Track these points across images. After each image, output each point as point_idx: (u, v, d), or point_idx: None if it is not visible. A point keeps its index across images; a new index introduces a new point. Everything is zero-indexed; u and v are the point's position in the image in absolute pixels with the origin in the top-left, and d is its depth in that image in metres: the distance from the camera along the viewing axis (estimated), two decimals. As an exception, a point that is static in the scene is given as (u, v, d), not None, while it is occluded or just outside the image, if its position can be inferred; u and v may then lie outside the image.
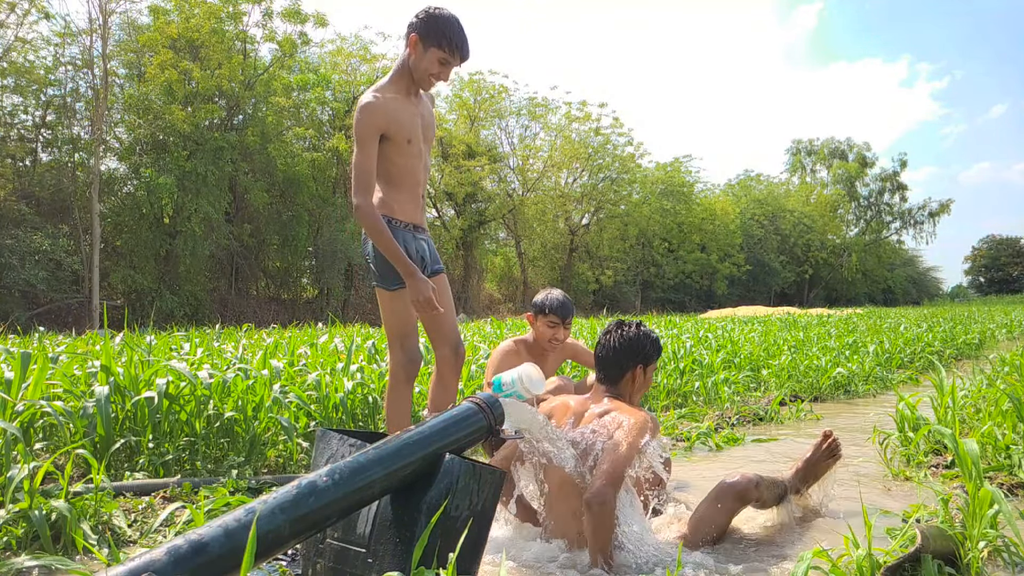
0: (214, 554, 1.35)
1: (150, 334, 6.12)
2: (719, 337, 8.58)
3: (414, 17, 2.65)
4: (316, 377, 3.61)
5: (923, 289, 57.96)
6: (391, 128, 2.64)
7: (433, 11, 2.63)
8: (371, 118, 2.60)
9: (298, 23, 22.12)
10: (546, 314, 3.24)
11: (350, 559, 1.70)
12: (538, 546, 2.25)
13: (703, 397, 5.29)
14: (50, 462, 2.27)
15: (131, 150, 19.97)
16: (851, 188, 48.77)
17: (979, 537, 1.96)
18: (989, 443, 3.11)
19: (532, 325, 3.36)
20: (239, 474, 2.82)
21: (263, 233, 22.45)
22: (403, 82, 2.70)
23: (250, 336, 7.44)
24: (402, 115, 2.67)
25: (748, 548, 2.29)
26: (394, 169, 2.73)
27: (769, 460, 3.64)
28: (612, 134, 33.22)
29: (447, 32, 2.61)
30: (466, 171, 28.55)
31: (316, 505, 1.50)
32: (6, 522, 2.10)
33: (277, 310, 21.79)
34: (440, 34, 2.61)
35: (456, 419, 1.84)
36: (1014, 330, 14.11)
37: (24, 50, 18.17)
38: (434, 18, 2.61)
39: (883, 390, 6.25)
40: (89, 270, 17.42)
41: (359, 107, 2.62)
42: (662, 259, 35.74)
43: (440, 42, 2.61)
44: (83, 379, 3.18)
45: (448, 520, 1.65)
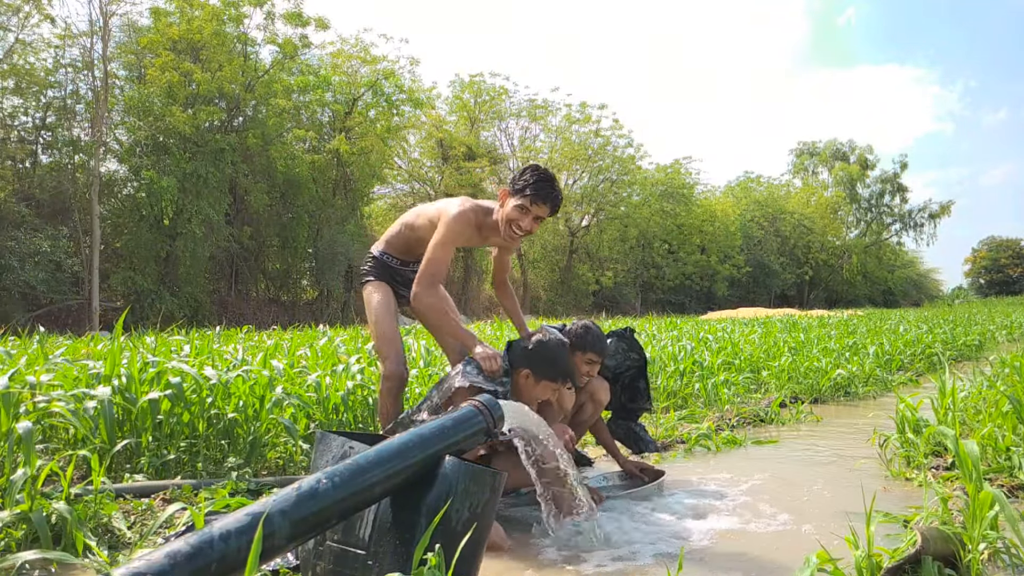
0: (214, 558, 1.35)
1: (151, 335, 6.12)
2: (719, 339, 8.57)
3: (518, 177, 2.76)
4: (316, 378, 3.61)
5: (923, 291, 57.94)
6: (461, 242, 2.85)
7: (528, 168, 2.76)
8: (463, 226, 2.77)
9: (299, 26, 22.15)
10: (585, 351, 2.96)
11: (350, 561, 1.70)
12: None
13: (703, 399, 5.28)
14: (53, 463, 2.27)
15: (131, 152, 19.96)
16: (852, 190, 48.77)
17: (979, 539, 1.96)
18: (989, 445, 3.12)
19: None
20: (239, 476, 2.82)
21: (263, 235, 22.45)
22: (490, 221, 2.84)
23: (250, 338, 7.44)
24: (473, 240, 2.88)
25: (749, 549, 2.29)
26: (420, 246, 2.89)
27: (771, 459, 3.65)
28: (612, 136, 33.27)
29: (539, 188, 2.71)
30: (466, 173, 28.56)
31: (316, 508, 1.50)
32: (7, 524, 2.10)
33: (277, 312, 21.78)
34: (535, 191, 2.70)
35: (456, 421, 1.84)
36: (1014, 332, 14.11)
37: (25, 52, 18.18)
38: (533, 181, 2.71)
39: (883, 392, 6.25)
40: (89, 272, 17.42)
41: (457, 214, 2.76)
42: (662, 261, 35.73)
43: (532, 199, 2.70)
44: (84, 381, 3.18)
45: (448, 522, 1.65)
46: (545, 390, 2.55)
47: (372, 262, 3.05)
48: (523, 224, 2.72)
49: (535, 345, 2.59)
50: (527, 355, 2.57)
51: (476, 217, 2.82)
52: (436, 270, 2.73)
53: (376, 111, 24.99)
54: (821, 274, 46.15)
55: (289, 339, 6.88)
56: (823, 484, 3.12)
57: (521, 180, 2.73)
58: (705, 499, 2.90)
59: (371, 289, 2.99)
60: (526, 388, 2.57)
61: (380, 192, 29.04)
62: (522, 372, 2.55)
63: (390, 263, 3.01)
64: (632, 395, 3.35)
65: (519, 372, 2.56)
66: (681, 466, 3.59)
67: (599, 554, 2.25)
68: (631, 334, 3.30)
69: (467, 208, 2.80)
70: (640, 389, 3.34)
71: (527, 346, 2.59)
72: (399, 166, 29.71)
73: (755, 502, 2.86)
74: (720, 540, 2.39)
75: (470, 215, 2.79)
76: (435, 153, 30.15)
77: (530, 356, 2.56)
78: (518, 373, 2.56)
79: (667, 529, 2.52)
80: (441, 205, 2.89)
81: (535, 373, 2.54)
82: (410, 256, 3.02)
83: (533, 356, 2.56)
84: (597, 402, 3.14)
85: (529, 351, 2.57)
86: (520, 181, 2.73)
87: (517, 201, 2.71)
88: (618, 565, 2.17)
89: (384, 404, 2.86)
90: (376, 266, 3.02)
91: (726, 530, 2.49)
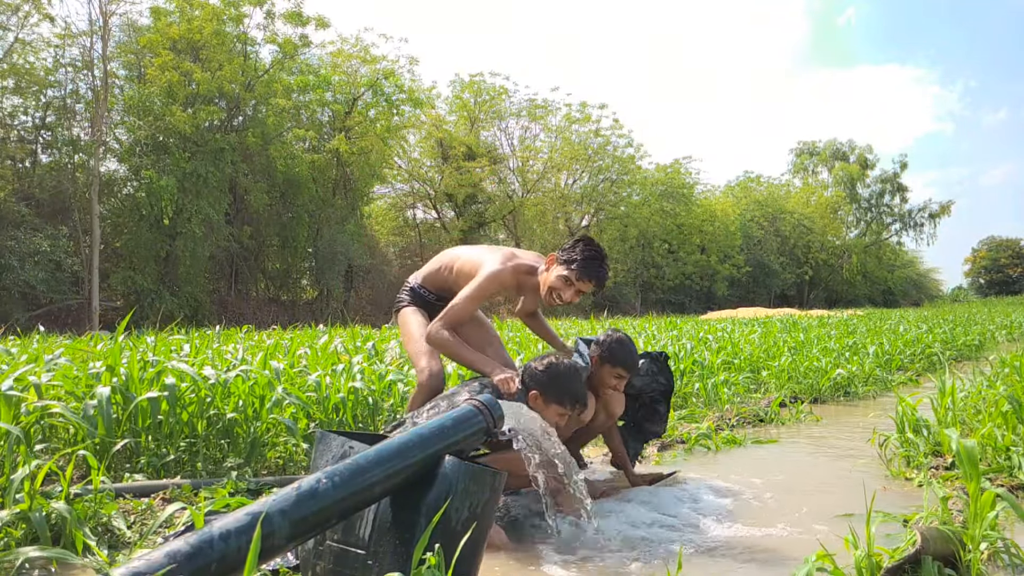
0: (214, 557, 1.35)
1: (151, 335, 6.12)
2: (719, 338, 8.58)
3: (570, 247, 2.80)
4: (316, 378, 3.61)
5: (923, 291, 57.94)
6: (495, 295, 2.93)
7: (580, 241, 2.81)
8: (497, 287, 2.83)
9: (299, 25, 22.15)
10: (615, 365, 2.93)
11: (350, 561, 1.70)
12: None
13: (703, 398, 5.28)
14: (52, 463, 2.27)
15: (131, 151, 19.96)
16: (852, 190, 48.77)
17: (980, 538, 1.96)
18: (989, 444, 3.12)
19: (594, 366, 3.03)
20: (239, 475, 2.82)
21: (263, 234, 22.45)
22: (532, 281, 2.87)
23: (250, 337, 7.43)
24: (508, 292, 2.96)
25: (749, 549, 2.29)
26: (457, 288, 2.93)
27: (770, 459, 3.65)
28: (612, 135, 33.26)
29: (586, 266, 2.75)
30: (466, 172, 28.56)
31: (316, 507, 1.50)
32: (6, 523, 2.10)
33: (277, 311, 21.78)
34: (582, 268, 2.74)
35: (456, 421, 1.84)
36: (1014, 332, 14.11)
37: (24, 52, 18.18)
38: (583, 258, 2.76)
39: (883, 391, 6.25)
40: (89, 271, 17.42)
41: (495, 272, 2.79)
42: (662, 260, 35.73)
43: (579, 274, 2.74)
44: (83, 380, 3.18)
45: (448, 522, 1.65)
46: (554, 413, 2.56)
47: (409, 293, 3.12)
48: (565, 295, 2.76)
49: (547, 367, 2.60)
50: (538, 377, 2.59)
51: (515, 276, 2.86)
52: (457, 320, 2.78)
53: (376, 111, 24.99)
54: (821, 274, 46.15)
55: (289, 339, 6.88)
56: (823, 484, 3.12)
57: (572, 252, 2.76)
58: (705, 499, 2.90)
59: (409, 312, 3.07)
60: (536, 409, 2.57)
61: (380, 192, 29.05)
62: (532, 393, 2.57)
63: (426, 296, 3.09)
64: (649, 415, 3.33)
65: (530, 393, 2.58)
66: (681, 466, 3.59)
67: (599, 554, 2.25)
68: (665, 359, 3.29)
69: (507, 268, 2.83)
70: (659, 412, 3.32)
71: (539, 368, 2.60)
72: (399, 166, 29.71)
73: (755, 502, 2.86)
74: (720, 540, 2.39)
75: (507, 276, 2.83)
76: (435, 153, 30.15)
77: (541, 378, 2.58)
78: (528, 394, 2.59)
79: (667, 529, 2.52)
80: (483, 256, 2.91)
81: (545, 396, 2.55)
82: (447, 293, 3.06)
83: (544, 379, 2.57)
84: (610, 414, 3.11)
85: (540, 373, 2.59)
86: (570, 253, 2.76)
87: (563, 272, 2.74)
88: (618, 565, 2.17)
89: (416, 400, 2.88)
90: (413, 297, 3.12)
91: (726, 530, 2.49)
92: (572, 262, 2.73)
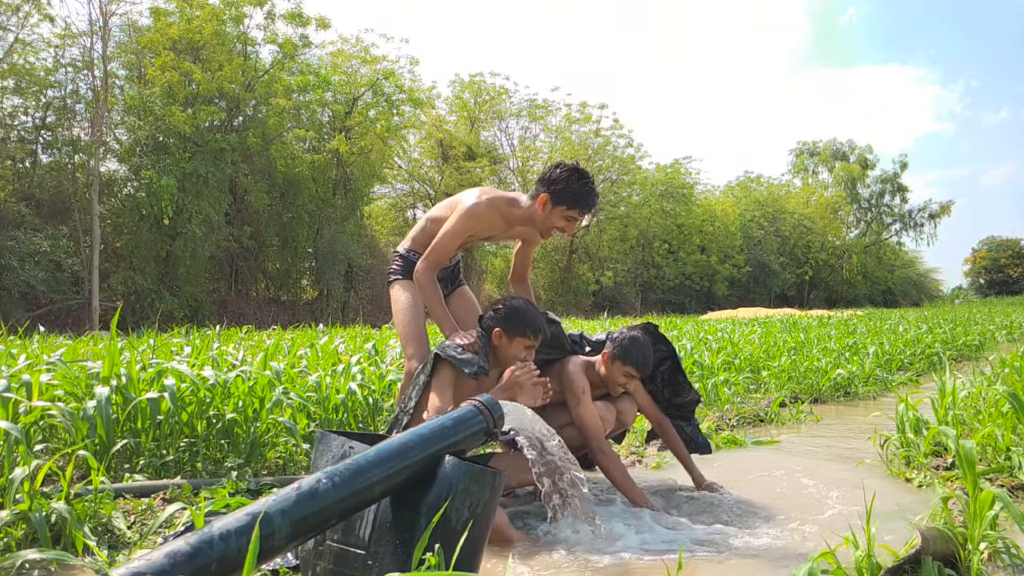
0: (214, 557, 1.34)
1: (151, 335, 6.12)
2: (719, 339, 8.58)
3: (549, 176, 2.77)
4: (316, 379, 3.61)
5: (923, 291, 57.93)
6: (477, 234, 2.91)
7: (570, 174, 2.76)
8: (474, 221, 2.82)
9: (299, 25, 22.15)
10: (625, 363, 2.89)
11: (350, 561, 1.70)
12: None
13: (703, 399, 5.28)
14: (51, 463, 2.27)
15: (131, 152, 19.96)
16: (852, 190, 48.77)
17: (980, 538, 1.96)
18: (989, 445, 3.11)
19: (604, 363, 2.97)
20: (239, 476, 2.82)
21: (263, 235, 22.44)
22: (517, 213, 2.86)
23: (250, 337, 7.43)
24: (488, 229, 2.91)
25: (749, 549, 2.29)
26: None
27: (771, 459, 3.64)
28: (612, 136, 33.28)
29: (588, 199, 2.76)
30: (466, 172, 28.56)
31: (316, 507, 1.50)
32: (6, 523, 2.10)
33: (277, 311, 21.77)
34: (573, 198, 2.74)
35: (457, 421, 1.84)
36: (1014, 332, 14.10)
37: (24, 52, 18.18)
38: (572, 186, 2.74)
39: (883, 391, 6.25)
40: (89, 271, 17.42)
41: (471, 206, 2.81)
42: (662, 260, 35.73)
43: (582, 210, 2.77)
44: (83, 380, 3.18)
45: (447, 522, 1.65)
46: (519, 348, 2.64)
47: (399, 261, 3.05)
48: (565, 228, 2.81)
49: (503, 304, 2.73)
50: (497, 314, 2.70)
51: (494, 209, 2.84)
52: (439, 257, 2.84)
53: (376, 111, 24.98)
54: (821, 274, 46.14)
55: (289, 339, 6.88)
56: (823, 484, 3.12)
57: (569, 191, 2.74)
58: (705, 499, 2.90)
59: (399, 288, 3.01)
60: (502, 348, 2.67)
61: (380, 192, 29.06)
62: (495, 332, 2.66)
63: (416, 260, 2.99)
64: (675, 390, 3.19)
65: (493, 333, 2.67)
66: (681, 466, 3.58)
67: (599, 554, 2.25)
68: (655, 328, 3.20)
69: (483, 201, 2.83)
70: (680, 383, 3.18)
71: (497, 307, 2.73)
72: (399, 166, 29.71)
73: (755, 502, 2.86)
74: (720, 540, 2.39)
75: (484, 208, 2.82)
76: (435, 153, 30.15)
77: (499, 315, 2.69)
78: (493, 335, 2.67)
79: (667, 529, 2.52)
80: (461, 195, 2.93)
81: (507, 331, 2.64)
82: None
83: (502, 314, 2.68)
84: (622, 423, 3.09)
85: (498, 310, 2.71)
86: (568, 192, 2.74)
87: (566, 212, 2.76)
88: (618, 565, 2.17)
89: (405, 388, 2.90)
90: (404, 265, 3.02)
91: (726, 530, 2.49)
92: (573, 200, 2.74)
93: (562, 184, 2.74)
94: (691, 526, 2.55)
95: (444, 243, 2.83)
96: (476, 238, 2.97)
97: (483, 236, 2.98)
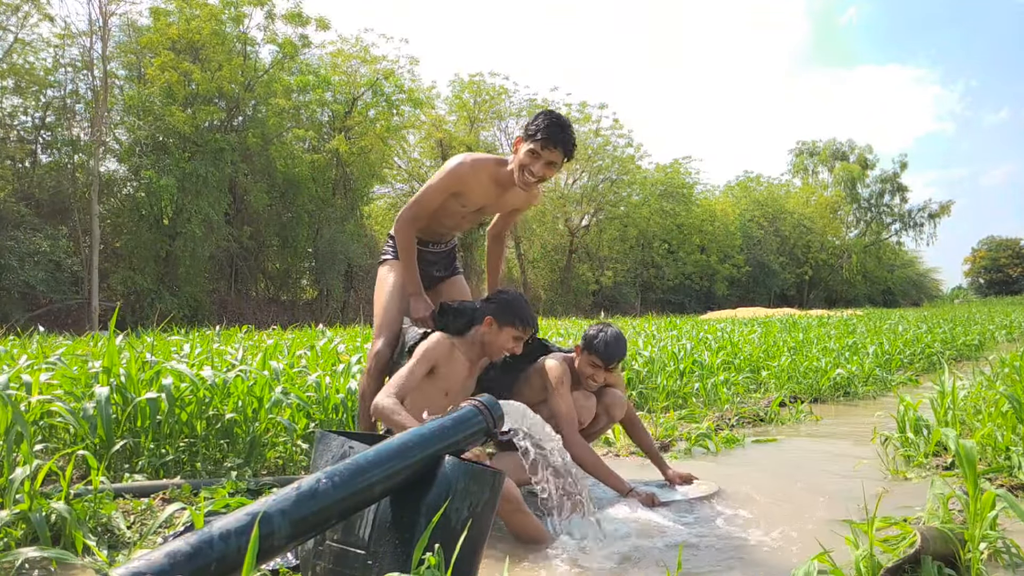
0: (214, 557, 1.34)
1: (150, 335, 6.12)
2: (719, 338, 8.58)
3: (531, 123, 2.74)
4: (316, 379, 3.60)
5: (923, 290, 57.95)
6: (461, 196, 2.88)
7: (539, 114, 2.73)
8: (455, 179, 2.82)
9: (299, 25, 22.15)
10: (591, 353, 2.89)
11: (350, 561, 1.70)
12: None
13: (703, 398, 5.29)
14: (52, 463, 2.27)
15: (131, 151, 19.96)
16: (852, 190, 48.79)
17: (979, 538, 1.96)
18: (989, 444, 3.12)
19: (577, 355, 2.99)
20: (239, 475, 2.81)
21: (263, 234, 22.44)
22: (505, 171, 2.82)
23: (250, 337, 7.43)
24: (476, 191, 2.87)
25: (749, 549, 2.29)
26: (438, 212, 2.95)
27: (771, 459, 3.64)
28: (612, 135, 33.26)
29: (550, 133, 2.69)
30: (466, 172, 28.50)
31: (316, 507, 1.50)
32: (6, 523, 2.10)
33: (277, 311, 21.78)
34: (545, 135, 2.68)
35: (456, 421, 1.84)
36: (1014, 331, 14.11)
37: (24, 52, 18.17)
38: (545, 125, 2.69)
39: (883, 391, 6.25)
40: (88, 271, 17.41)
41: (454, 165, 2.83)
42: (662, 260, 35.73)
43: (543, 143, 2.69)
44: (83, 380, 3.18)
45: (447, 522, 1.65)
46: (508, 337, 2.67)
47: (391, 242, 3.06)
48: (535, 169, 2.71)
49: (496, 294, 2.77)
50: (489, 303, 2.73)
51: (486, 172, 2.83)
52: (417, 210, 2.88)
53: (376, 111, 24.98)
54: (821, 274, 46.15)
55: (289, 339, 6.88)
56: (823, 484, 3.12)
57: (533, 125, 2.71)
58: (705, 499, 2.90)
59: (387, 268, 3.03)
60: (491, 336, 2.69)
61: (380, 192, 29.04)
62: (486, 320, 2.69)
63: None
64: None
65: (484, 321, 2.69)
66: (681, 466, 3.59)
67: (598, 554, 2.25)
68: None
69: (467, 162, 2.83)
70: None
71: (489, 297, 2.78)
72: (399, 166, 29.70)
73: (755, 502, 2.86)
74: (720, 540, 2.39)
75: (467, 170, 2.82)
76: (435, 153, 30.13)
77: (492, 305, 2.71)
78: (484, 323, 2.69)
79: (667, 529, 2.52)
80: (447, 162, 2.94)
81: (498, 320, 2.66)
82: (429, 235, 3.04)
83: (495, 304, 2.71)
84: (611, 417, 3.10)
85: (491, 299, 2.75)
86: (532, 126, 2.72)
87: (529, 145, 2.70)
88: (617, 565, 2.17)
89: (366, 382, 2.89)
90: (395, 246, 3.01)
91: (726, 530, 2.49)
92: (536, 133, 2.69)
93: (533, 123, 2.72)
94: (691, 526, 2.55)
95: (425, 196, 2.85)
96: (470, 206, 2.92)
97: (476, 203, 2.92)
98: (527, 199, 3.00)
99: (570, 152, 2.73)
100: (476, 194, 2.89)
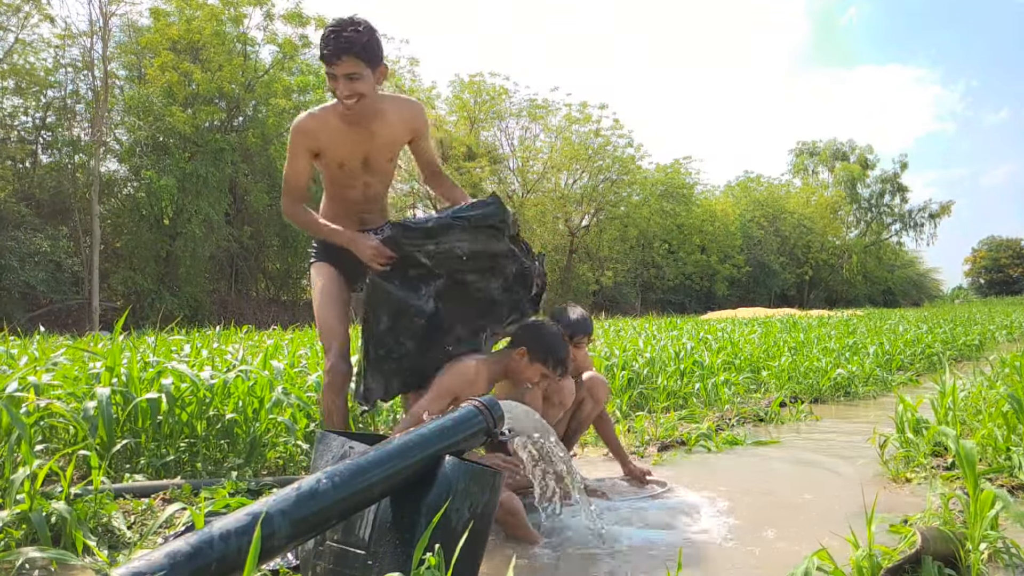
0: (214, 557, 1.35)
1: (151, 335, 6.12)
2: (719, 338, 8.57)
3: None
4: (316, 379, 3.60)
5: (923, 290, 57.94)
6: (325, 153, 2.65)
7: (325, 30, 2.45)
8: (300, 137, 2.60)
9: (299, 25, 22.16)
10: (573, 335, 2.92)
11: (350, 561, 1.70)
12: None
13: (703, 398, 5.28)
14: (52, 463, 2.27)
15: (131, 152, 19.97)
16: (852, 190, 48.77)
17: (980, 538, 1.96)
18: (989, 444, 3.11)
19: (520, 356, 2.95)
20: (239, 476, 2.81)
21: (263, 235, 22.44)
22: (339, 106, 2.56)
23: (250, 337, 7.43)
24: (335, 140, 2.61)
25: (749, 549, 2.29)
26: (331, 188, 2.82)
27: (771, 459, 3.64)
28: (612, 136, 33.22)
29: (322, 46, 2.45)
30: (466, 173, 28.55)
31: (316, 507, 1.50)
32: (6, 523, 2.10)
33: (277, 311, 21.77)
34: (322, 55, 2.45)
35: (456, 421, 1.84)
36: (1014, 332, 14.10)
37: (25, 52, 18.19)
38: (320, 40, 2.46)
39: (883, 391, 6.25)
40: (89, 271, 17.42)
41: (294, 124, 2.63)
42: (662, 260, 35.72)
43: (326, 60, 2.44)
44: (83, 380, 3.18)
45: (448, 522, 1.65)
46: (536, 372, 2.63)
47: (313, 243, 2.87)
48: (339, 90, 2.45)
49: (537, 327, 2.69)
50: (527, 334, 2.67)
51: (326, 114, 2.58)
52: (287, 186, 2.69)
53: (376, 111, 24.95)
54: (821, 274, 46.13)
55: (289, 339, 6.88)
56: (823, 483, 3.12)
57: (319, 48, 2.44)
58: (705, 499, 2.90)
59: (313, 274, 2.82)
60: (519, 366, 2.65)
61: (380, 192, 29.01)
62: (518, 350, 2.64)
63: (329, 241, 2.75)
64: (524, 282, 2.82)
65: (516, 351, 2.65)
66: (681, 466, 3.59)
67: (598, 554, 2.25)
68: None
69: (303, 115, 2.62)
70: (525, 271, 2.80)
71: (528, 327, 2.70)
72: (399, 166, 29.70)
73: (755, 502, 2.86)
74: (719, 540, 2.39)
75: (303, 121, 2.60)
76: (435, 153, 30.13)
77: (529, 336, 2.66)
78: (517, 352, 2.65)
79: (666, 529, 2.52)
80: None
81: (531, 354, 2.62)
82: (351, 223, 2.76)
83: (533, 336, 2.65)
84: (596, 399, 3.12)
85: (530, 330, 2.68)
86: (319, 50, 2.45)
87: (324, 71, 2.46)
88: (617, 566, 2.17)
89: (327, 400, 2.64)
90: (319, 245, 2.84)
91: (725, 530, 2.49)
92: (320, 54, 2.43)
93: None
94: (690, 526, 2.56)
95: (287, 171, 2.66)
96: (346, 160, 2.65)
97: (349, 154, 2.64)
98: (402, 119, 2.68)
99: (362, 52, 2.38)
100: (337, 143, 2.61)
